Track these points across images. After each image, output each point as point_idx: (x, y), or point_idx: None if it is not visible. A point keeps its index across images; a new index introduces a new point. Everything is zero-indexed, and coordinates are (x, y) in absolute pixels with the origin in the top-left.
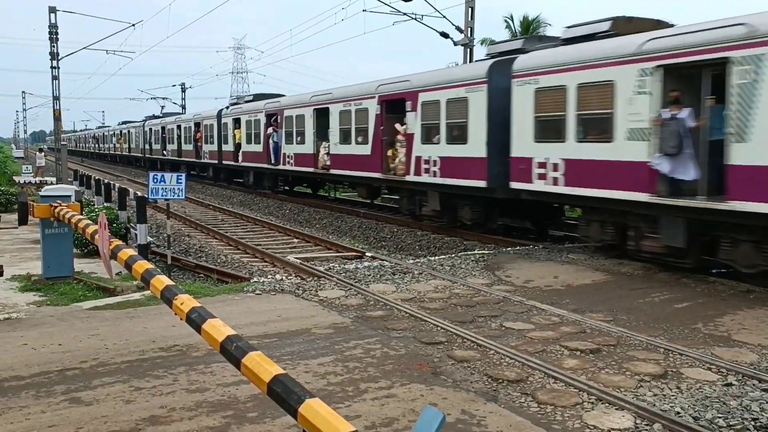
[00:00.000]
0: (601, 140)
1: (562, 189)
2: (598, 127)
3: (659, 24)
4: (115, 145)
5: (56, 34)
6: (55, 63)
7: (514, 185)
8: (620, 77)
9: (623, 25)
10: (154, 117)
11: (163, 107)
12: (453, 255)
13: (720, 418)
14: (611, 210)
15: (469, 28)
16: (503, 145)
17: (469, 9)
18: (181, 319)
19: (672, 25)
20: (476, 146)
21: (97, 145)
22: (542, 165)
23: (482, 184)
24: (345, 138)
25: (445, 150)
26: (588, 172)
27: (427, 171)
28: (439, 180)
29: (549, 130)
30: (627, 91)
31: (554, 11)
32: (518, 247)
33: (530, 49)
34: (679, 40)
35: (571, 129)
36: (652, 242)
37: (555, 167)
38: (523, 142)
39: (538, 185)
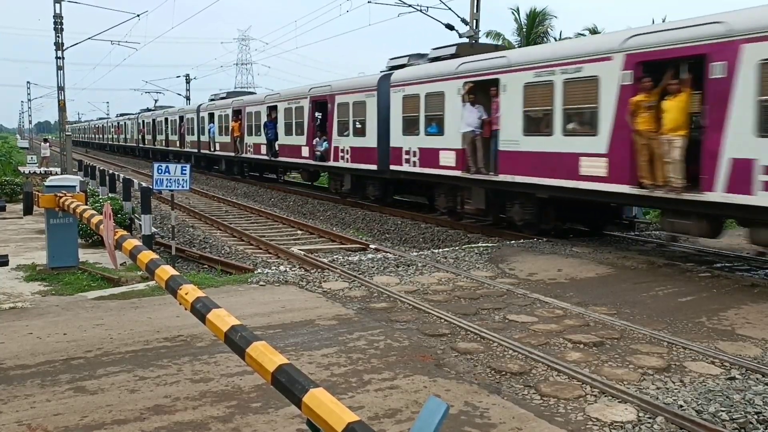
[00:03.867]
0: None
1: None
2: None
3: (497, 48)
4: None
5: (61, 24)
6: (59, 53)
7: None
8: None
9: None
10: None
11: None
12: (457, 247)
13: (723, 411)
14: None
15: (475, 20)
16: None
17: (475, 1)
18: (185, 309)
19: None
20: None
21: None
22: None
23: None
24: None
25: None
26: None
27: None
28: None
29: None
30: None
31: (561, 2)
32: (522, 240)
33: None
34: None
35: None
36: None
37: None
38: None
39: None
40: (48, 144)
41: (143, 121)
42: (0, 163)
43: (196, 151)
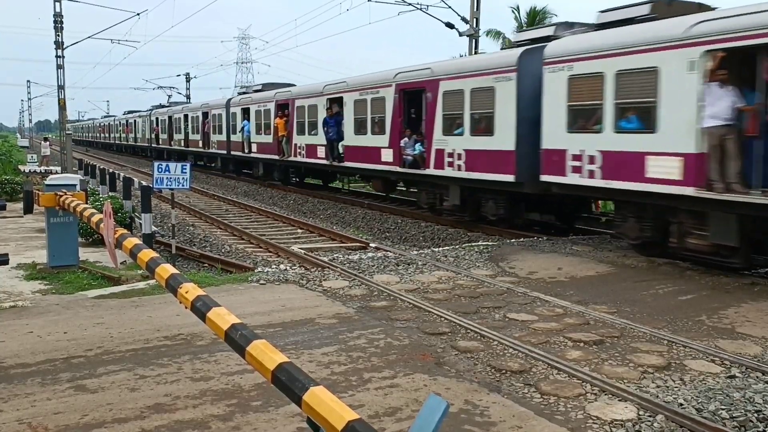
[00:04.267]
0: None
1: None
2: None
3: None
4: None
5: (61, 23)
6: (59, 52)
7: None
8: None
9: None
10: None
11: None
12: (457, 246)
13: (723, 410)
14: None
15: (475, 19)
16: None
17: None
18: (185, 307)
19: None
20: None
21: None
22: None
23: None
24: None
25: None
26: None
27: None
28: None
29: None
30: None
31: (561, 1)
32: (522, 239)
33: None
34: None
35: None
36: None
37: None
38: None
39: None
40: (48, 143)
41: (157, 119)
42: (0, 162)
43: (224, 152)
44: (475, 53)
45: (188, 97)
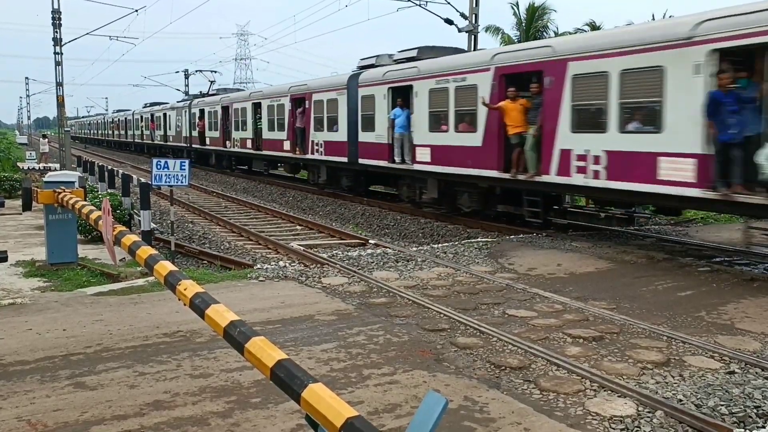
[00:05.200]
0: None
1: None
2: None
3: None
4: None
5: (59, 19)
6: (58, 49)
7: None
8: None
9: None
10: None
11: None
12: (456, 243)
13: (722, 405)
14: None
15: (474, 15)
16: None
17: None
18: (184, 304)
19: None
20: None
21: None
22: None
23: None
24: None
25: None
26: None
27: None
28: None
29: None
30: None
31: None
32: (521, 235)
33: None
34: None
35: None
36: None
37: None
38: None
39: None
40: (47, 140)
41: (203, 110)
42: None
43: (342, 160)
44: (475, 49)
45: (187, 93)
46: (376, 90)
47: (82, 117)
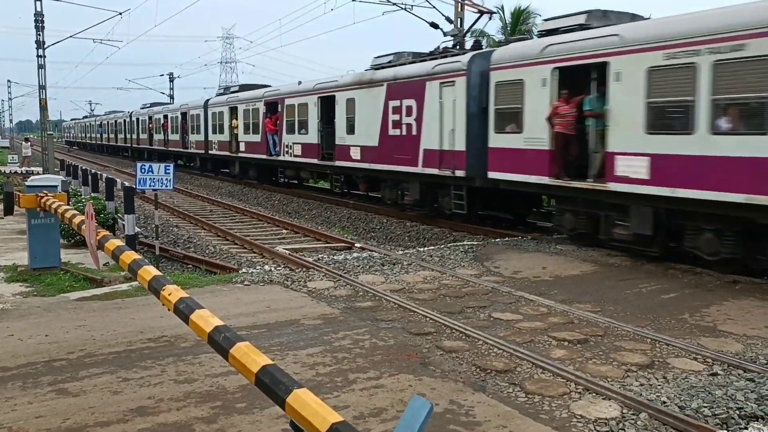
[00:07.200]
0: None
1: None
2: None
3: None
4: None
5: (42, 22)
6: (41, 52)
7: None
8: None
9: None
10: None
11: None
12: (442, 246)
13: (705, 407)
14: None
15: (459, 19)
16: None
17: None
18: (168, 309)
19: None
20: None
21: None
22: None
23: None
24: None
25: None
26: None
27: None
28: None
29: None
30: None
31: (546, 2)
32: (507, 238)
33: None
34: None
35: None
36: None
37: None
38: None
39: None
40: (29, 143)
41: (251, 109)
42: None
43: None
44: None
45: (172, 97)
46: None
47: (81, 118)
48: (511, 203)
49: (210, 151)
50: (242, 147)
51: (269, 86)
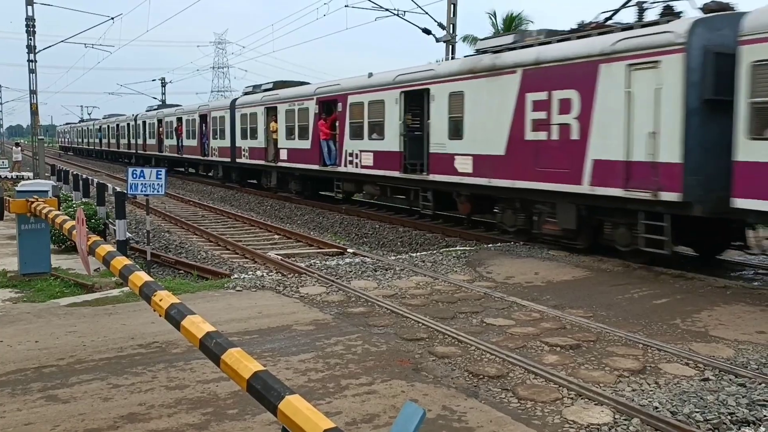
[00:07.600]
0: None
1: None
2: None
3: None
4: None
5: (33, 27)
6: (32, 56)
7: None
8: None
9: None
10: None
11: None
12: (434, 251)
13: (697, 412)
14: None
15: (452, 25)
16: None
17: (452, 5)
18: (160, 315)
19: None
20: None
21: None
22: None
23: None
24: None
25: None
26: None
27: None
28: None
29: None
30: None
31: (537, 8)
32: (499, 244)
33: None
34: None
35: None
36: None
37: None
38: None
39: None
40: (20, 148)
41: (296, 110)
42: None
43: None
44: (452, 58)
45: (164, 102)
46: None
47: (88, 120)
48: (710, 235)
49: (238, 160)
50: (283, 155)
51: (307, 83)
